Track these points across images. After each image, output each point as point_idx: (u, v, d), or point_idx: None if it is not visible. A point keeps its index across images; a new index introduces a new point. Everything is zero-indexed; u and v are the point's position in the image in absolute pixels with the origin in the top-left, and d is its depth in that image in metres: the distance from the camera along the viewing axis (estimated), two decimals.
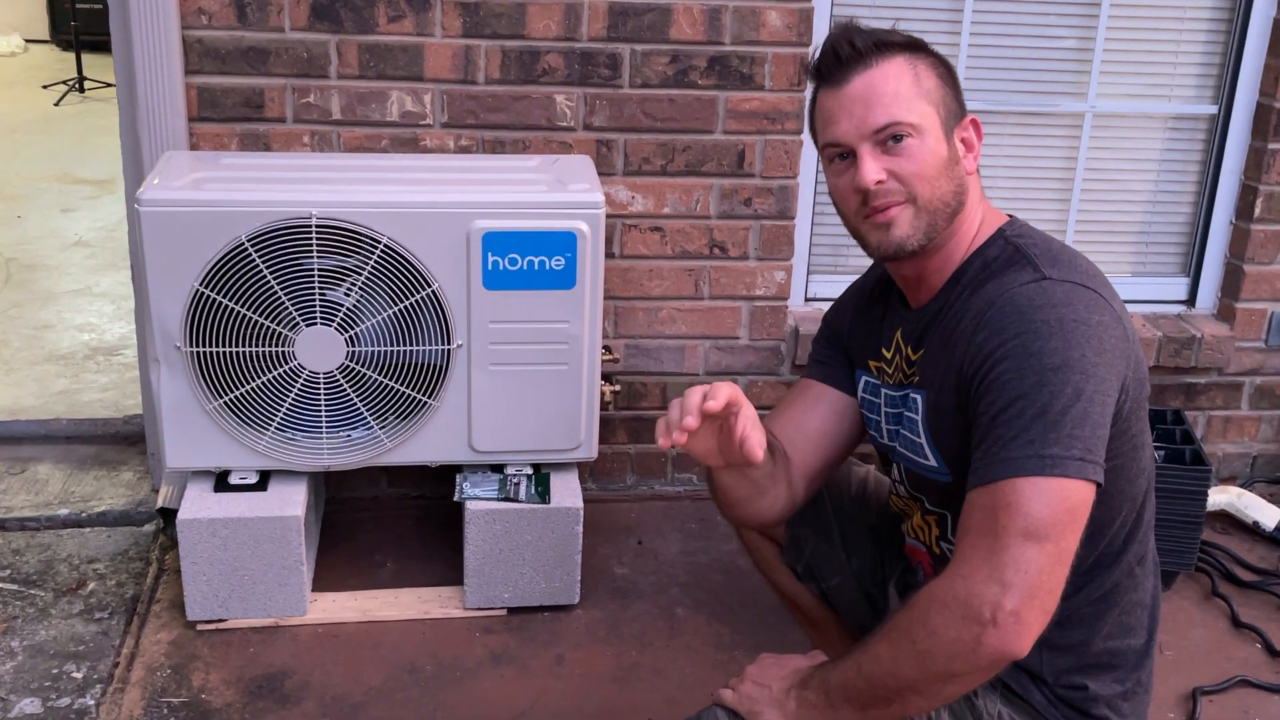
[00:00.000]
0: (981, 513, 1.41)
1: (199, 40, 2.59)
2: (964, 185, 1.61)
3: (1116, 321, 1.49)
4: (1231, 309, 3.13)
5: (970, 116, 1.63)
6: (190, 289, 2.31)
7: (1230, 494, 3.05)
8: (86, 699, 2.27)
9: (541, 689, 2.37)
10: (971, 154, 1.62)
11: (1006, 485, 1.39)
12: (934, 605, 1.40)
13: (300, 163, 2.59)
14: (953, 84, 1.61)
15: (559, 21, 2.68)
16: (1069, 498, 1.39)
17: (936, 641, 1.39)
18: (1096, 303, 1.48)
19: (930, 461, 1.63)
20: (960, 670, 1.40)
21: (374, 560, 2.74)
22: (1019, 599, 1.35)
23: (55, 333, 3.89)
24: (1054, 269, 1.52)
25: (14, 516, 2.80)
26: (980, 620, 1.36)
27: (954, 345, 1.55)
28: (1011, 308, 1.48)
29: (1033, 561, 1.36)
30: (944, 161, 1.57)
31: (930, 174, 1.56)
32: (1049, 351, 1.42)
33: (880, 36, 1.58)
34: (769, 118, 2.81)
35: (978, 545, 1.39)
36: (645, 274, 2.89)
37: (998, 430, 1.42)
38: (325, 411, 2.44)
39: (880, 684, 1.45)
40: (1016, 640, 1.36)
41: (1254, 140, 3.05)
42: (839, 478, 2.02)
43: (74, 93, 7.47)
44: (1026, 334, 1.44)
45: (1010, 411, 1.42)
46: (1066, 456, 1.39)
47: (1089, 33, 2.98)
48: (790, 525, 1.99)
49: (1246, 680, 2.48)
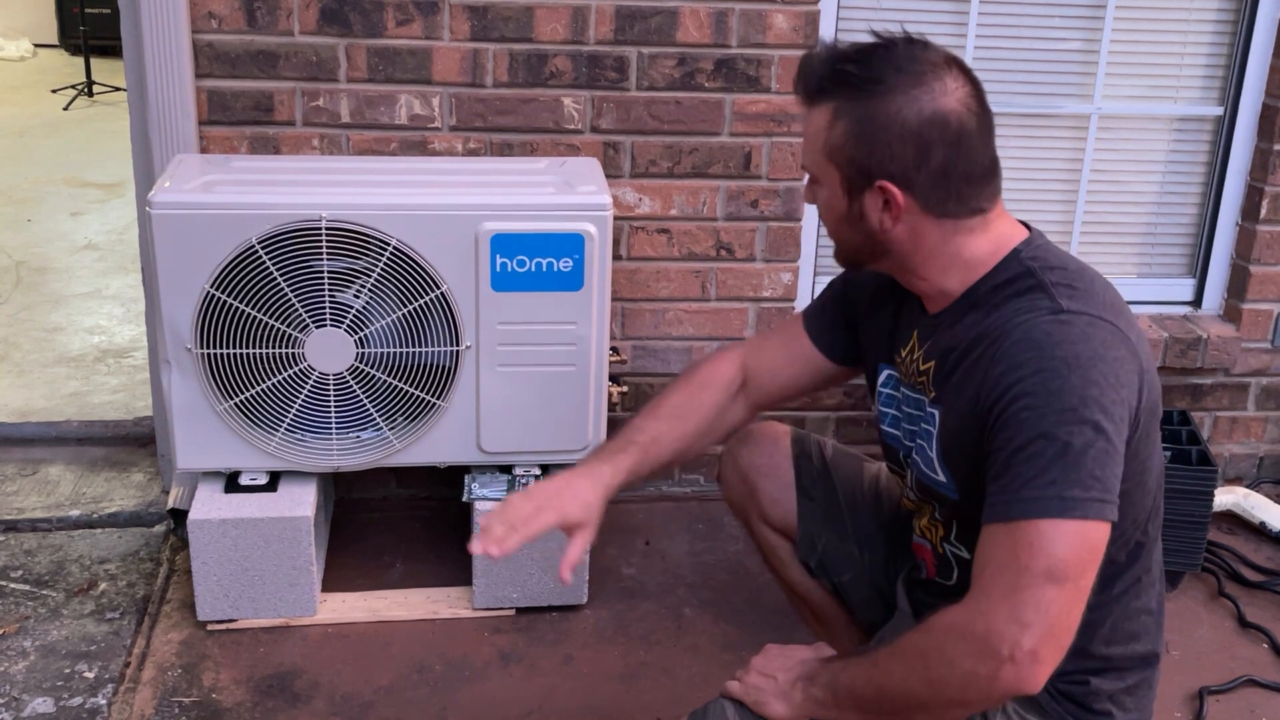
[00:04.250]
0: (1003, 550, 1.41)
1: (209, 44, 2.60)
2: (878, 242, 1.59)
3: (1133, 354, 1.48)
4: (1238, 310, 3.13)
5: (880, 183, 1.54)
6: (201, 291, 2.32)
7: (1236, 494, 3.05)
8: (98, 698, 2.28)
9: (550, 688, 2.38)
10: (889, 214, 1.56)
11: (1030, 526, 1.40)
12: (952, 636, 1.42)
13: (310, 165, 2.61)
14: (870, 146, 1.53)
15: (566, 24, 2.69)
16: (1089, 538, 1.40)
17: (953, 672, 1.41)
18: (1113, 336, 1.48)
19: (940, 478, 1.64)
20: (973, 700, 1.42)
21: (383, 561, 2.76)
22: (1038, 638, 1.37)
23: (66, 335, 3.91)
24: (1072, 300, 1.50)
25: (26, 518, 2.82)
26: (998, 657, 1.37)
27: (969, 371, 1.54)
28: (1029, 343, 1.47)
29: (1053, 603, 1.37)
30: (841, 216, 1.60)
31: (829, 220, 1.63)
32: (1068, 390, 1.42)
33: (820, 80, 1.56)
34: (776, 120, 2.82)
35: (998, 582, 1.40)
36: (652, 275, 2.90)
37: (1017, 468, 1.42)
38: (335, 413, 2.45)
39: (890, 699, 1.47)
40: (1032, 678, 1.38)
41: (1260, 141, 3.05)
42: (852, 474, 2.03)
43: (83, 97, 7.49)
44: (1045, 371, 1.44)
45: (1029, 450, 1.42)
46: (1087, 498, 1.39)
47: (1094, 34, 2.99)
48: (803, 521, 2.01)
49: (1253, 680, 2.48)
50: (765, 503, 2.04)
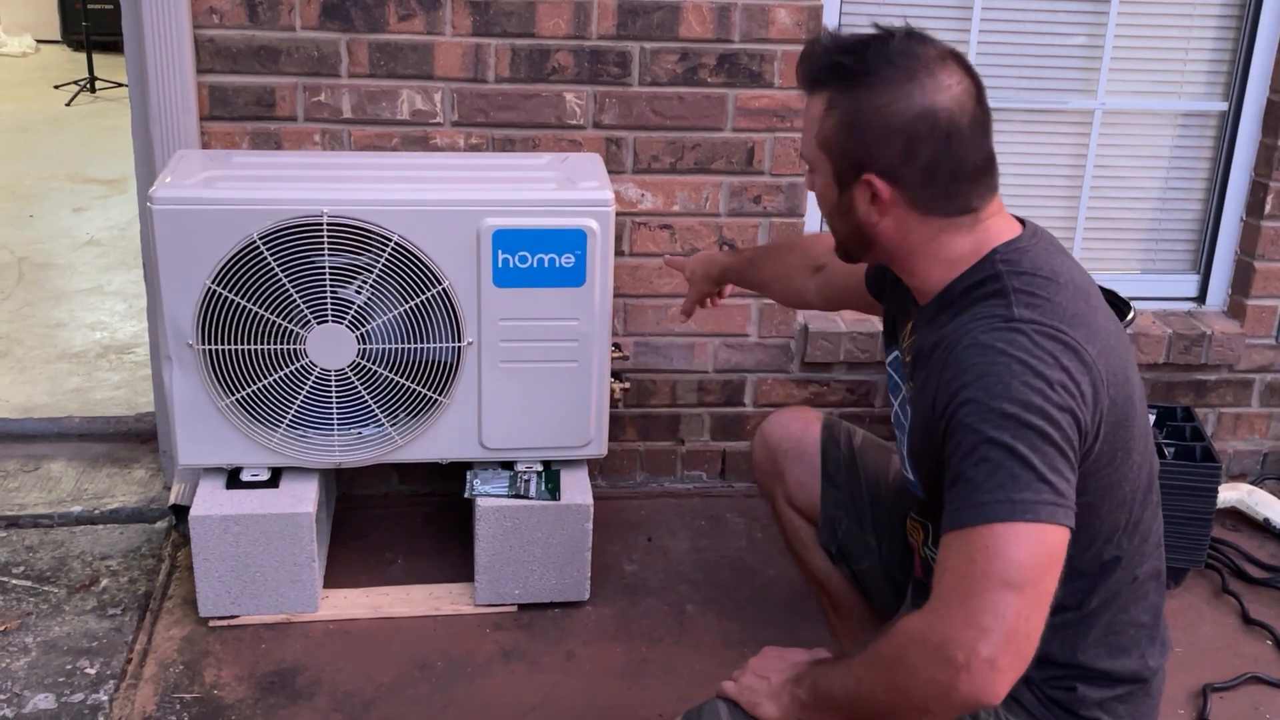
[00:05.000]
0: (958, 556, 1.39)
1: (210, 40, 2.60)
2: (866, 235, 1.58)
3: (1084, 367, 1.45)
4: (1242, 306, 3.12)
5: (867, 176, 1.53)
6: (202, 287, 2.32)
7: (1240, 491, 3.05)
8: (100, 695, 2.28)
9: (552, 685, 2.38)
10: (876, 208, 1.55)
11: (985, 530, 1.37)
12: (910, 642, 1.40)
13: (311, 161, 2.60)
14: (866, 133, 1.51)
15: (568, 20, 2.68)
16: (1046, 542, 1.37)
17: (913, 679, 1.39)
18: (1062, 349, 1.44)
19: (910, 475, 1.65)
20: (935, 709, 1.39)
21: (385, 557, 2.75)
22: (995, 645, 1.33)
23: (68, 331, 3.91)
24: (1028, 309, 1.47)
25: (28, 514, 2.82)
26: (955, 664, 1.34)
27: (930, 373, 1.53)
28: (977, 348, 1.45)
29: (1010, 607, 1.34)
30: (833, 204, 1.60)
31: (823, 209, 1.64)
32: (1011, 397, 1.40)
33: (817, 69, 1.55)
34: (778, 115, 2.81)
35: (955, 588, 1.38)
36: (655, 271, 2.90)
37: (968, 473, 1.41)
38: (336, 409, 2.45)
39: (859, 703, 1.46)
40: (990, 687, 1.34)
41: (1264, 136, 3.04)
42: (879, 465, 2.03)
43: (85, 93, 7.49)
44: (988, 378, 1.42)
45: (976, 455, 1.40)
46: (1038, 501, 1.37)
47: (1098, 29, 2.98)
48: (825, 506, 2.03)
49: (1257, 677, 2.48)
50: (791, 485, 2.07)
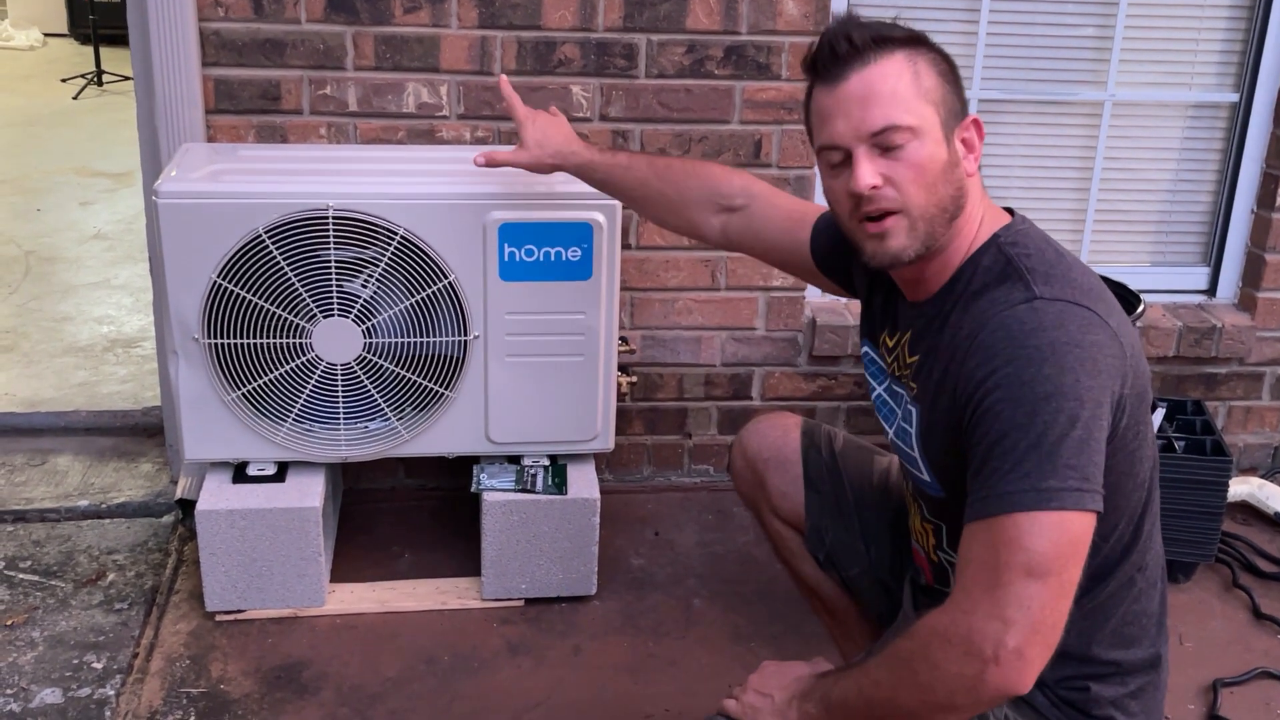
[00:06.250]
0: (982, 546, 1.38)
1: (216, 33, 2.59)
2: (963, 189, 1.53)
3: (1112, 338, 1.44)
4: (1253, 298, 3.11)
5: (972, 116, 1.55)
6: (208, 281, 2.31)
7: (1251, 485, 3.03)
8: (106, 689, 2.28)
9: (558, 679, 2.38)
10: (972, 155, 1.54)
11: (1007, 520, 1.36)
12: (936, 639, 1.39)
13: (317, 155, 2.59)
14: (954, 82, 1.53)
15: (575, 12, 2.67)
16: (1069, 530, 1.36)
17: (938, 675, 1.38)
18: (1090, 321, 1.43)
19: (924, 476, 1.62)
20: (962, 704, 1.39)
21: (391, 551, 2.75)
22: (1022, 636, 1.33)
23: (74, 325, 3.91)
24: (1047, 285, 1.46)
25: (34, 508, 2.82)
26: (983, 657, 1.34)
27: (947, 366, 1.51)
28: (1003, 332, 1.43)
29: (1035, 598, 1.34)
30: (943, 166, 1.50)
31: (928, 180, 1.49)
32: (1041, 379, 1.38)
33: (879, 31, 1.50)
34: (786, 108, 2.80)
35: (979, 580, 1.37)
36: (661, 265, 2.89)
37: (993, 463, 1.39)
38: (343, 403, 2.44)
39: (879, 708, 1.44)
40: (1019, 677, 1.34)
41: (1275, 128, 3.02)
42: (862, 467, 2.01)
43: (92, 86, 7.50)
44: (1018, 360, 1.40)
45: (1005, 444, 1.39)
46: (1064, 488, 1.36)
47: (1108, 20, 2.96)
48: (811, 514, 1.99)
49: (1268, 672, 2.47)
50: (774, 495, 2.03)
